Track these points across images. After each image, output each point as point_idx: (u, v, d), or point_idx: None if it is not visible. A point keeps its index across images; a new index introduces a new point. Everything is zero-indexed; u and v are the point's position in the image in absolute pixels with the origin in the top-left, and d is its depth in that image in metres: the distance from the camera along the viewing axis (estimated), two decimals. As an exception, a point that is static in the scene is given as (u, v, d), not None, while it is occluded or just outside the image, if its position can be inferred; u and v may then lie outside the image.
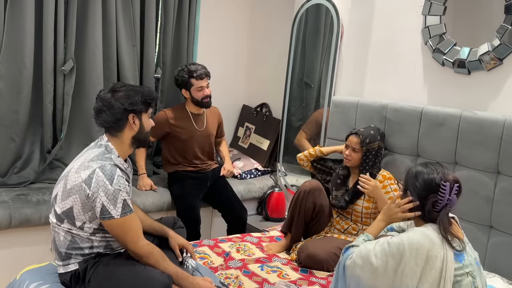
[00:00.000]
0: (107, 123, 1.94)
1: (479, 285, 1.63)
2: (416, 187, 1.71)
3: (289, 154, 3.66)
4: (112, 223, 1.82)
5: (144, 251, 1.86)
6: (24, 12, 2.90)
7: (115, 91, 1.94)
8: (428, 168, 1.70)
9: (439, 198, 1.64)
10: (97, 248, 1.92)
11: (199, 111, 3.18)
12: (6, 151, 3.02)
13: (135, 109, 1.93)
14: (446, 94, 2.58)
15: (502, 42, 2.28)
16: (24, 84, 2.97)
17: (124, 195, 1.84)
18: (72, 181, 1.84)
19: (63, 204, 1.86)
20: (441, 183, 1.65)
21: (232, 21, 4.05)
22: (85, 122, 3.24)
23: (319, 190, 2.56)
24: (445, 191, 1.63)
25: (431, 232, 1.62)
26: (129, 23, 3.33)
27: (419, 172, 1.71)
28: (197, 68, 3.07)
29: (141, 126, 1.98)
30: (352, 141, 2.52)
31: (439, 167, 1.71)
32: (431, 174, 1.68)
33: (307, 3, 3.41)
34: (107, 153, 1.91)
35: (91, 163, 1.84)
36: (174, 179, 3.20)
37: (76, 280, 1.90)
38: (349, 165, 2.57)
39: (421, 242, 1.59)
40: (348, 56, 3.15)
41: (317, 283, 2.22)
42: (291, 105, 3.61)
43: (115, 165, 1.87)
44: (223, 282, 2.15)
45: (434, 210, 1.66)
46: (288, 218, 2.61)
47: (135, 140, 1.99)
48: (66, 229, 1.89)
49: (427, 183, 1.68)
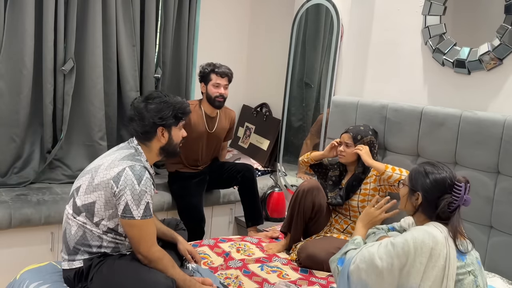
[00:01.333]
0: (136, 133, 1.97)
1: (480, 284, 1.62)
2: (427, 186, 1.68)
3: (289, 154, 3.66)
4: (131, 223, 1.83)
5: (155, 257, 1.87)
6: (24, 12, 2.90)
7: (149, 103, 1.95)
8: (437, 168, 1.69)
9: (454, 199, 1.63)
10: (105, 248, 1.93)
11: (212, 112, 3.14)
12: (6, 151, 3.02)
13: (165, 124, 1.95)
14: (446, 94, 2.58)
15: (502, 42, 2.28)
16: (24, 84, 2.97)
17: (148, 198, 1.85)
18: (101, 177, 1.86)
19: (86, 198, 1.88)
20: (455, 182, 1.64)
21: (232, 21, 4.06)
22: (85, 122, 3.25)
23: (318, 189, 2.58)
24: (461, 191, 1.63)
25: (434, 230, 1.62)
26: (129, 23, 3.34)
27: (429, 171, 1.69)
28: (221, 66, 3.10)
29: (169, 139, 1.99)
30: (344, 137, 2.58)
31: (446, 166, 1.70)
32: (442, 174, 1.66)
33: (307, 3, 3.42)
34: (137, 155, 1.94)
35: (122, 162, 1.87)
36: (175, 179, 3.19)
37: (79, 277, 1.91)
38: (344, 161, 2.60)
39: (424, 241, 1.58)
40: (348, 56, 3.15)
41: (317, 283, 2.22)
42: (291, 105, 3.61)
43: (145, 167, 1.89)
44: (223, 282, 2.15)
45: (449, 210, 1.65)
46: (288, 218, 2.62)
47: (163, 150, 2.01)
48: (80, 223, 1.89)
49: (439, 183, 1.65)
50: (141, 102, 1.96)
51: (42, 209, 2.74)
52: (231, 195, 3.44)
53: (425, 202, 1.69)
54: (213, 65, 3.09)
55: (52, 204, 2.79)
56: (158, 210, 3.10)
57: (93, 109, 3.23)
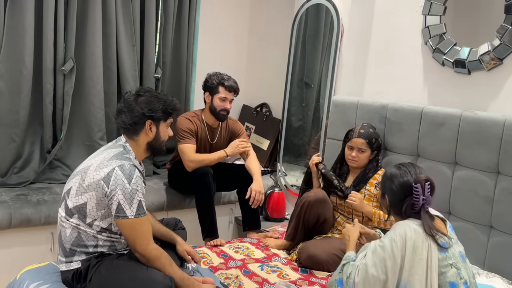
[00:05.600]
0: (124, 125, 1.96)
1: (465, 276, 1.66)
2: (392, 190, 1.77)
3: (289, 154, 3.66)
4: (125, 223, 1.83)
5: (153, 255, 1.87)
6: (24, 12, 2.90)
7: (139, 95, 1.95)
8: (401, 171, 1.76)
9: (414, 200, 1.71)
10: (101, 248, 1.93)
11: (214, 123, 3.10)
12: (6, 151, 3.02)
13: (153, 116, 1.94)
14: (446, 94, 2.58)
15: (502, 42, 2.28)
16: (24, 84, 2.97)
17: (140, 196, 1.85)
18: (91, 178, 1.85)
19: (77, 199, 1.87)
20: (412, 185, 1.71)
21: (232, 21, 4.05)
22: (85, 122, 3.25)
23: (324, 202, 2.52)
24: (418, 192, 1.70)
25: (413, 224, 1.69)
26: (129, 23, 3.34)
27: (393, 175, 1.77)
28: (229, 79, 3.04)
29: (157, 134, 1.99)
30: (357, 142, 2.54)
31: (412, 167, 1.77)
32: (405, 177, 1.74)
33: (307, 3, 3.42)
34: (125, 153, 1.93)
35: (111, 162, 1.86)
36: (174, 174, 3.20)
37: (78, 278, 1.90)
38: (355, 166, 2.58)
39: (407, 234, 1.65)
40: (348, 56, 3.15)
41: (317, 283, 2.22)
42: (291, 105, 3.61)
43: (134, 166, 1.88)
44: (223, 282, 2.15)
45: (414, 211, 1.72)
46: (292, 228, 2.58)
47: (150, 146, 2.00)
48: (74, 225, 1.89)
49: (403, 186, 1.74)
50: (132, 95, 1.96)
51: (42, 209, 2.74)
52: (231, 195, 3.44)
53: (392, 204, 1.79)
54: (221, 77, 3.03)
55: (52, 204, 2.79)
56: (158, 210, 3.10)
57: (93, 109, 3.23)
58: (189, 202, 3.23)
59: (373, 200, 2.49)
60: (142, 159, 2.04)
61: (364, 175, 2.56)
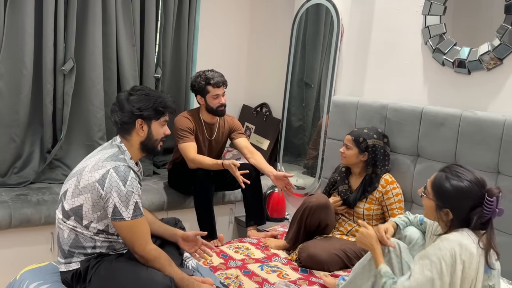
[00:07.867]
0: (116, 124, 1.95)
1: None
2: (455, 202, 1.62)
3: (289, 154, 3.66)
4: (122, 225, 1.82)
5: (151, 256, 1.86)
6: (24, 12, 2.90)
7: (131, 94, 1.94)
8: (465, 183, 1.61)
9: (485, 213, 1.58)
10: (99, 248, 1.92)
11: (212, 120, 3.12)
12: (6, 151, 3.02)
13: (142, 115, 1.91)
14: (446, 94, 2.58)
15: (502, 42, 2.28)
16: (24, 84, 2.97)
17: (136, 198, 1.84)
18: (86, 180, 1.84)
19: (73, 201, 1.86)
20: (485, 197, 1.58)
21: (232, 21, 4.05)
22: (85, 122, 3.25)
23: (326, 207, 2.51)
24: (492, 205, 1.58)
25: (467, 241, 1.58)
26: (129, 23, 3.33)
27: (459, 189, 1.61)
28: (214, 76, 3.01)
29: (149, 133, 1.95)
30: (346, 138, 2.59)
31: (469, 174, 1.63)
32: (473, 190, 1.60)
33: (307, 3, 3.42)
34: (120, 154, 1.91)
35: (105, 163, 1.84)
36: (174, 174, 3.20)
37: (77, 279, 1.90)
38: (345, 163, 2.61)
39: (457, 252, 1.56)
40: (348, 56, 3.15)
41: (317, 283, 2.22)
42: (291, 105, 3.61)
43: (129, 167, 1.86)
44: (223, 282, 2.15)
45: (480, 222, 1.60)
46: (294, 233, 2.57)
47: (143, 146, 1.96)
48: (71, 227, 1.89)
49: (466, 194, 1.60)
50: (124, 94, 1.95)
51: (42, 209, 2.73)
52: (231, 195, 3.44)
53: (458, 218, 1.63)
54: (204, 76, 3.01)
55: (52, 204, 2.78)
56: (158, 210, 3.10)
57: (93, 109, 3.23)
58: (189, 202, 3.23)
59: (375, 203, 2.51)
60: (138, 159, 2.02)
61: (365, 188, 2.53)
